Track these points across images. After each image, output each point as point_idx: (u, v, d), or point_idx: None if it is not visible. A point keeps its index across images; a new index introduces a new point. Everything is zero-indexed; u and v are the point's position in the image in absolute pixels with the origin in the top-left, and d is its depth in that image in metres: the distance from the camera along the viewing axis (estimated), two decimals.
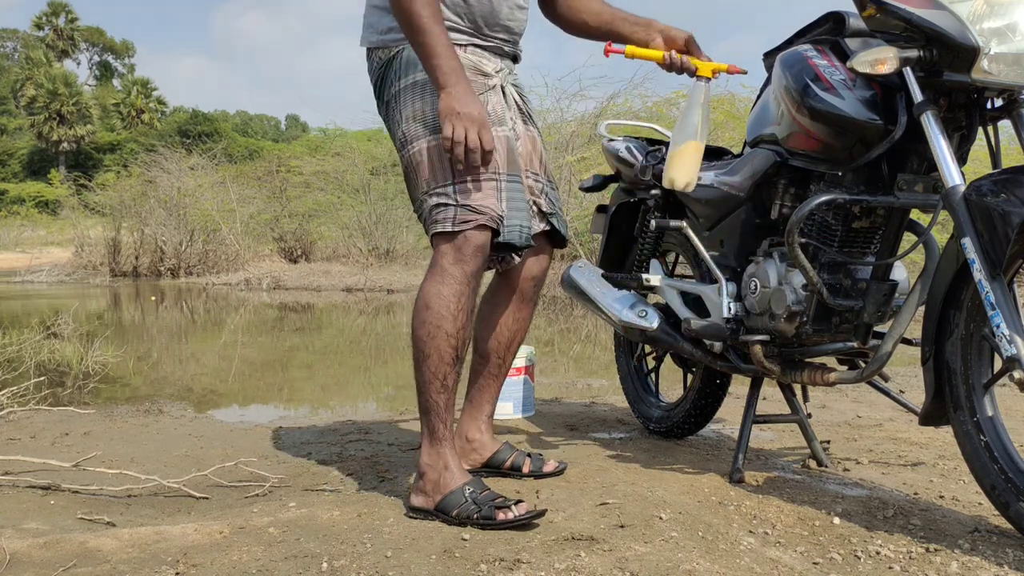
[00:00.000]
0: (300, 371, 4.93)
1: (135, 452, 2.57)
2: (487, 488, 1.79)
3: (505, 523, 1.69)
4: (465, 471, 1.85)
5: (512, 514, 1.70)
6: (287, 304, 9.28)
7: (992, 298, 1.54)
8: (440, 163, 1.81)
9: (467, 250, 1.79)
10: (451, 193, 1.79)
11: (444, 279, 1.80)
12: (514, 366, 2.99)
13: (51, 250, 17.69)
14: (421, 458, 1.85)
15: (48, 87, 39.52)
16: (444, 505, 1.76)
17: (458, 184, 1.79)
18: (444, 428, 1.83)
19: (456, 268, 1.80)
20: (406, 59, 1.85)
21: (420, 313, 1.82)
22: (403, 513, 1.83)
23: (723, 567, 1.51)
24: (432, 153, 1.82)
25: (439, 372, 1.81)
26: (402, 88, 1.86)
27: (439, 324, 1.79)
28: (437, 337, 1.80)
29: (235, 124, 50.76)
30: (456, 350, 1.81)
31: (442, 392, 1.83)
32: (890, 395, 2.28)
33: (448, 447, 1.84)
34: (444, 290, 1.79)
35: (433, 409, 1.83)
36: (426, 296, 1.81)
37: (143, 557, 1.59)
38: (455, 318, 1.79)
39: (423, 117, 1.83)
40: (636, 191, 2.63)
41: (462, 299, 1.80)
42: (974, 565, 1.51)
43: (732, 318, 2.17)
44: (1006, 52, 1.63)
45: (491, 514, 1.71)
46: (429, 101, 1.82)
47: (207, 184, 14.41)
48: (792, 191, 2.09)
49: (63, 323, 5.84)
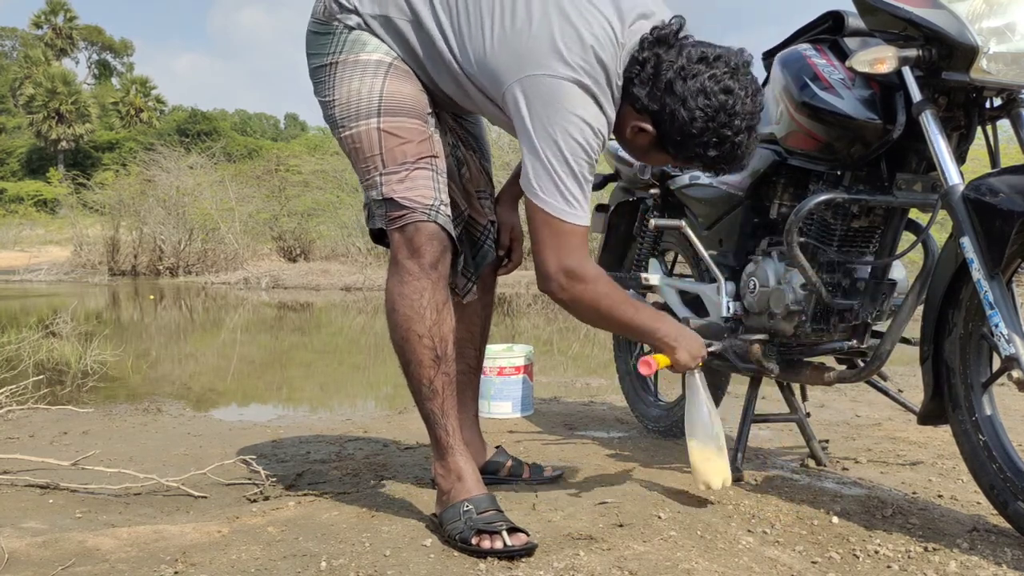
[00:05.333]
0: (299, 370, 4.93)
1: (134, 451, 2.57)
2: (491, 508, 1.63)
3: (485, 552, 1.54)
4: (478, 483, 1.70)
5: (499, 543, 1.55)
6: (286, 303, 9.27)
7: (991, 297, 1.54)
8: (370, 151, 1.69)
9: (419, 239, 1.66)
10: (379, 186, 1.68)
11: (402, 276, 1.68)
12: (513, 365, 3.00)
13: (50, 249, 17.67)
14: (434, 468, 1.75)
15: (47, 86, 39.46)
16: (443, 518, 1.66)
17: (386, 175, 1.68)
18: (448, 436, 1.71)
19: (412, 262, 1.67)
20: (352, 38, 1.72)
21: (389, 317, 1.71)
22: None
23: (722, 566, 1.51)
24: (363, 139, 1.69)
25: (423, 377, 1.70)
26: (340, 61, 1.72)
27: (408, 326, 1.68)
28: (410, 340, 1.68)
29: (234, 123, 50.74)
30: (433, 350, 1.68)
31: (432, 398, 1.70)
32: (889, 394, 2.28)
33: (459, 455, 1.71)
34: (405, 289, 1.67)
35: (431, 418, 1.72)
36: (390, 298, 1.70)
37: (142, 556, 1.58)
38: (423, 317, 1.67)
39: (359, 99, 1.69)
40: (635, 190, 2.63)
41: (425, 294, 1.67)
42: (972, 564, 1.51)
43: (731, 317, 2.17)
44: (1005, 51, 1.63)
45: (469, 537, 1.58)
46: (368, 83, 1.69)
47: (206, 183, 14.42)
48: (791, 190, 2.09)
49: (62, 322, 5.84)
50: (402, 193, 1.67)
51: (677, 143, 1.62)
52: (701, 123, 1.57)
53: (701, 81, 1.56)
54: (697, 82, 1.56)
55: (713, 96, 1.56)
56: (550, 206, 1.59)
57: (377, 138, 1.68)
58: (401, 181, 1.67)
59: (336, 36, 1.72)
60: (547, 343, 5.79)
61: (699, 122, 1.57)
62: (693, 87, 1.56)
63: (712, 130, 1.58)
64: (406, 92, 1.70)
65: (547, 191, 1.59)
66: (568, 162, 1.57)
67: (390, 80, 1.70)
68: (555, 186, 1.58)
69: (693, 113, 1.57)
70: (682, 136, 1.60)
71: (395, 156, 1.68)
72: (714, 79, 1.56)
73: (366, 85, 1.69)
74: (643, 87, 1.60)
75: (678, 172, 2.43)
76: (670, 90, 1.57)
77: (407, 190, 1.67)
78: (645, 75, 1.60)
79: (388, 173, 1.67)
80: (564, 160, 1.57)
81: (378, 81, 1.69)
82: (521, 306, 8.12)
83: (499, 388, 3.00)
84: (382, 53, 1.71)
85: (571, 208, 1.59)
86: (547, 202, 1.59)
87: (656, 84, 1.59)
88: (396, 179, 1.67)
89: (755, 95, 1.60)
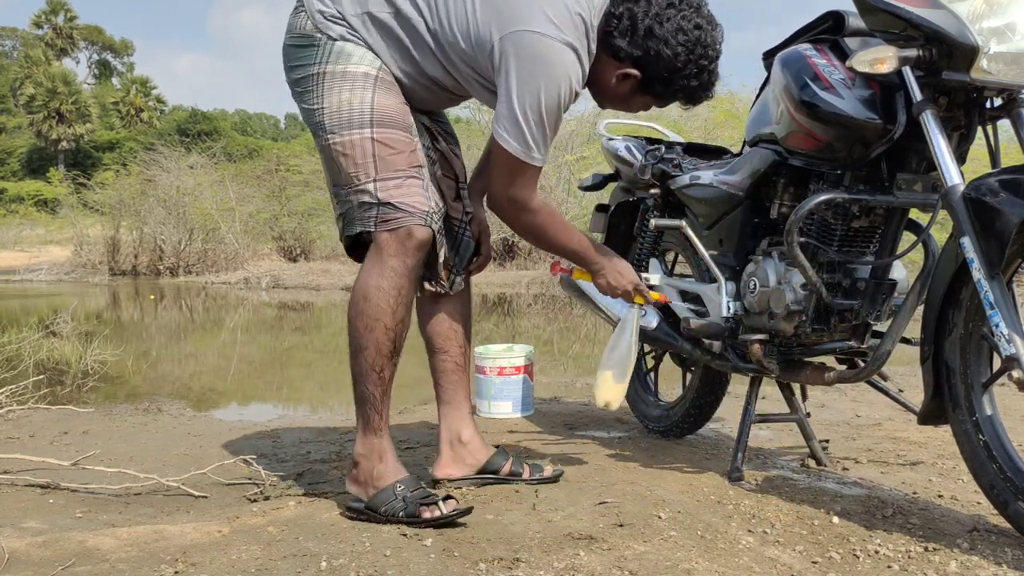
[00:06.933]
0: (299, 370, 4.93)
1: (134, 451, 2.57)
2: (419, 486, 1.81)
3: (431, 521, 1.71)
4: (400, 466, 1.85)
5: (438, 512, 1.72)
6: (286, 303, 9.28)
7: (991, 297, 1.54)
8: (362, 158, 1.78)
9: (410, 244, 1.78)
10: (374, 191, 1.78)
11: (384, 272, 1.78)
12: (513, 365, 3.00)
13: (50, 248, 17.66)
14: (356, 448, 1.86)
15: (47, 85, 39.45)
16: (374, 503, 1.78)
17: (381, 181, 1.78)
18: (380, 419, 1.84)
19: (397, 260, 1.78)
20: (337, 49, 1.80)
21: (358, 304, 1.80)
22: (339, 513, 1.84)
23: (722, 566, 1.51)
24: (356, 148, 1.78)
25: (376, 364, 1.81)
26: (327, 72, 1.80)
27: (377, 317, 1.78)
28: (375, 330, 1.79)
29: (234, 123, 50.77)
30: (394, 343, 1.81)
31: (379, 384, 1.82)
32: (889, 394, 2.28)
33: (384, 438, 1.84)
34: (384, 283, 1.78)
35: (369, 400, 1.83)
36: (364, 288, 1.79)
37: (142, 556, 1.59)
38: (394, 312, 1.78)
39: (351, 109, 1.78)
40: (635, 190, 2.63)
41: (402, 292, 1.79)
42: (973, 564, 1.51)
43: (731, 317, 2.17)
44: (1005, 51, 1.63)
45: (415, 511, 1.73)
46: (359, 95, 1.78)
47: (206, 183, 14.40)
48: (791, 190, 2.09)
49: (62, 322, 5.85)
50: (399, 198, 1.78)
51: (664, 79, 1.82)
52: (684, 57, 1.79)
53: (676, 22, 1.78)
54: (673, 24, 1.78)
55: (689, 32, 1.79)
56: (513, 147, 1.76)
57: (371, 147, 1.79)
58: (398, 187, 1.78)
59: (321, 47, 1.81)
60: (547, 343, 5.79)
61: (682, 56, 1.79)
62: (671, 28, 1.78)
63: (693, 61, 1.80)
64: (393, 105, 1.82)
65: (513, 136, 1.75)
66: (542, 114, 1.74)
67: (378, 93, 1.80)
68: (521, 132, 1.75)
69: (676, 50, 1.78)
70: (669, 72, 1.81)
71: (388, 164, 1.79)
72: (685, 19, 1.79)
73: (357, 96, 1.79)
74: (623, 38, 1.80)
75: (678, 172, 2.43)
76: (651, 34, 1.78)
77: (403, 196, 1.78)
78: (623, 27, 1.79)
79: (383, 179, 1.78)
80: (539, 113, 1.74)
81: (368, 93, 1.80)
82: (521, 306, 8.12)
83: (499, 388, 3.00)
84: (367, 65, 1.81)
85: (530, 151, 1.77)
86: (511, 144, 1.76)
87: (635, 32, 1.79)
88: (392, 185, 1.78)
89: (717, 26, 1.85)
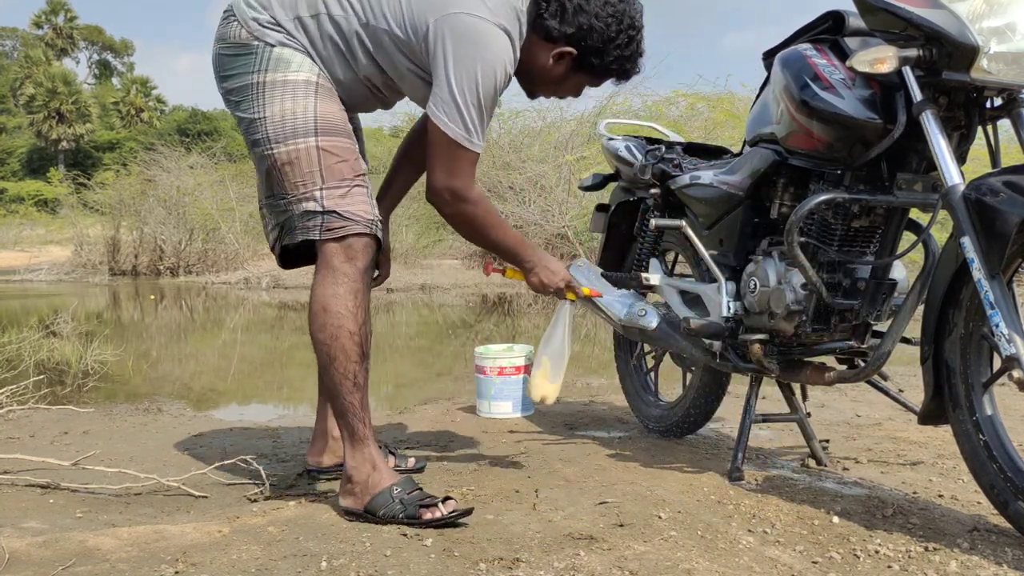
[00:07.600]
0: (299, 370, 4.93)
1: (134, 451, 2.57)
2: (416, 488, 1.80)
3: (432, 522, 1.71)
4: (393, 471, 1.87)
5: (439, 513, 1.72)
6: (286, 303, 9.27)
7: (991, 297, 1.54)
8: (308, 167, 1.79)
9: (357, 247, 1.80)
10: (320, 199, 1.79)
11: (337, 279, 1.79)
12: (513, 365, 3.00)
13: (50, 248, 17.65)
14: (346, 461, 1.84)
15: (47, 85, 39.45)
16: (372, 506, 1.77)
17: (328, 190, 1.79)
18: (364, 428, 1.83)
19: (348, 266, 1.80)
20: (276, 56, 1.80)
21: (318, 317, 1.81)
22: (339, 513, 1.83)
23: (722, 566, 1.51)
24: (302, 157, 1.79)
25: (348, 372, 1.81)
26: (267, 81, 1.80)
27: (340, 324, 1.79)
28: (340, 337, 1.79)
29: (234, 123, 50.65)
30: (360, 347, 1.81)
31: (355, 391, 1.82)
32: (889, 394, 2.28)
33: (372, 446, 1.84)
34: (339, 289, 1.79)
35: (349, 410, 1.82)
36: (322, 299, 1.80)
37: (142, 556, 1.59)
38: (355, 316, 1.80)
39: (294, 118, 1.79)
40: (635, 190, 2.63)
41: (359, 295, 1.80)
42: (973, 564, 1.51)
43: (731, 317, 2.17)
44: (1005, 51, 1.63)
45: (415, 513, 1.73)
46: (301, 103, 1.79)
47: (206, 183, 14.38)
48: (791, 190, 2.09)
49: (62, 322, 5.84)
50: (345, 207, 1.80)
51: (599, 51, 1.89)
52: (615, 27, 1.88)
53: None
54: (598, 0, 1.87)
55: (614, 5, 1.88)
56: (452, 131, 1.78)
57: (316, 156, 1.80)
58: (343, 196, 1.80)
59: (258, 55, 1.82)
60: None
61: (613, 27, 1.88)
62: (597, 3, 1.87)
63: (623, 31, 1.89)
64: (335, 112, 1.84)
65: (452, 119, 1.77)
66: (479, 96, 1.77)
67: (320, 100, 1.82)
68: (459, 115, 1.77)
69: (606, 22, 1.87)
70: (603, 43, 1.88)
71: (334, 173, 1.81)
72: None
73: (299, 105, 1.80)
74: (554, 18, 1.87)
75: (679, 172, 2.43)
76: (580, 11, 1.86)
77: (349, 204, 1.80)
78: (553, 8, 1.87)
79: (329, 188, 1.80)
80: (476, 95, 1.77)
81: (310, 101, 1.81)
82: (521, 306, 8.12)
83: (499, 388, 3.00)
84: (307, 71, 1.82)
85: (469, 136, 1.79)
86: (450, 127, 1.78)
87: (564, 12, 1.87)
88: (338, 194, 1.80)
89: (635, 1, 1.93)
